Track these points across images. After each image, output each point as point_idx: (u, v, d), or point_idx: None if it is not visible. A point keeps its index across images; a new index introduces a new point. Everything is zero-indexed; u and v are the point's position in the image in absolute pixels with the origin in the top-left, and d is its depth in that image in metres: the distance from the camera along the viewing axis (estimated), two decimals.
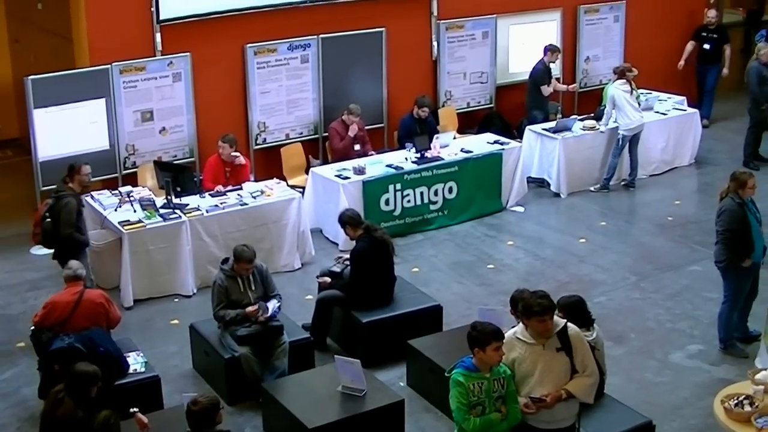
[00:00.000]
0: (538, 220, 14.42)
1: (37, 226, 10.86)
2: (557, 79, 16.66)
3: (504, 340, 7.00)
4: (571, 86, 16.89)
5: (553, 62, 16.34)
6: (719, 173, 15.61)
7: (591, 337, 8.08)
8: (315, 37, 14.85)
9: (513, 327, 7.37)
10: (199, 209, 12.05)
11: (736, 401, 7.96)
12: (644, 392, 9.78)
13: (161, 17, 13.66)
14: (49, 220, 10.75)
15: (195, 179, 12.84)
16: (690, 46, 18.58)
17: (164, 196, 12.20)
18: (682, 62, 18.58)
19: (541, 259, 13.17)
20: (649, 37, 18.56)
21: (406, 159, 13.87)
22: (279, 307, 9.77)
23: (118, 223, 11.63)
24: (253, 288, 9.71)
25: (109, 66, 13.31)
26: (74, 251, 10.54)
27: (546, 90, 16.06)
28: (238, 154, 13.00)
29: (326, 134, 14.87)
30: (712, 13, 18.70)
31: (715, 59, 18.53)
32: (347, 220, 10.64)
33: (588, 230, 14.08)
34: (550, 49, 16.18)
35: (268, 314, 9.58)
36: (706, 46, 18.61)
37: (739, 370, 9.84)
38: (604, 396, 8.43)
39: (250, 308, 9.54)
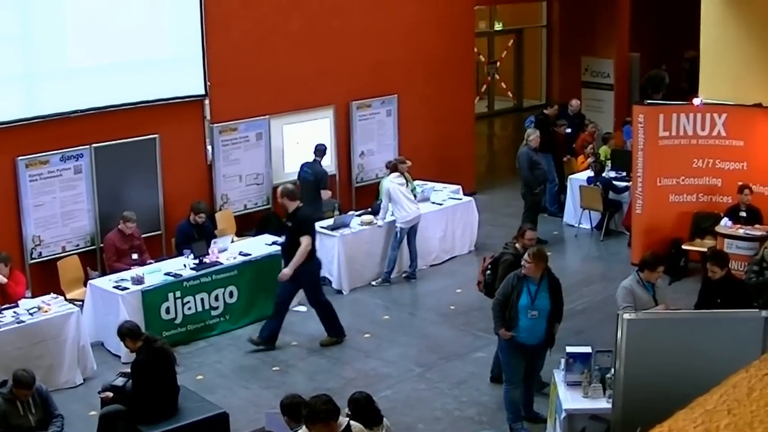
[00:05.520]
0: None
1: None
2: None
3: None
4: (326, 192, 17.07)
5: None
6: None
7: None
8: (87, 146, 14.89)
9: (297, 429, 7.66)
10: None
11: None
12: None
13: None
14: None
15: None
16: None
17: None
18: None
19: (327, 356, 13.44)
20: (422, 129, 19.39)
21: (185, 266, 14.05)
22: (61, 428, 9.78)
23: None
24: (34, 411, 9.67)
25: None
26: None
27: (325, 194, 16.66)
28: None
29: (102, 245, 14.90)
30: (575, 102, 19.84)
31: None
32: (126, 333, 10.73)
33: (372, 324, 14.46)
34: (318, 149, 16.81)
35: None
36: (569, 130, 19.71)
37: None
38: None
39: None
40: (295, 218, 13.35)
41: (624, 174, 18.24)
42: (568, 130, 20.13)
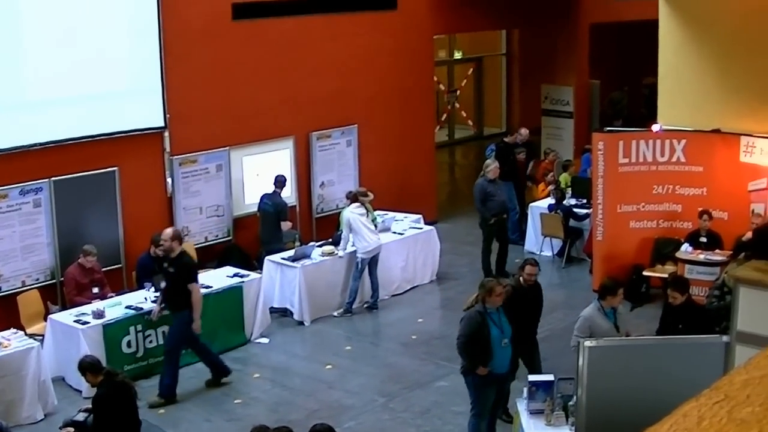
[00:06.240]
0: (284, 350, 14.73)
1: None
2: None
3: None
4: (286, 224, 17.02)
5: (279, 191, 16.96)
6: (461, 287, 16.48)
7: None
8: (47, 180, 14.84)
9: None
10: None
11: None
12: None
13: None
14: None
15: None
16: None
17: None
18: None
19: (289, 388, 13.46)
20: (382, 159, 19.51)
21: (146, 299, 14.05)
22: None
23: None
24: None
25: None
26: None
27: (285, 226, 16.71)
28: None
29: (63, 279, 14.87)
30: (524, 131, 20.00)
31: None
32: (87, 367, 10.72)
33: (334, 356, 14.48)
34: (278, 180, 16.85)
35: None
36: (522, 156, 19.83)
37: None
38: None
39: None
40: (178, 264, 12.94)
41: (585, 201, 18.39)
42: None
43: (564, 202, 18.71)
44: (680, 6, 17.11)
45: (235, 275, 15.07)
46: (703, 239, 15.64)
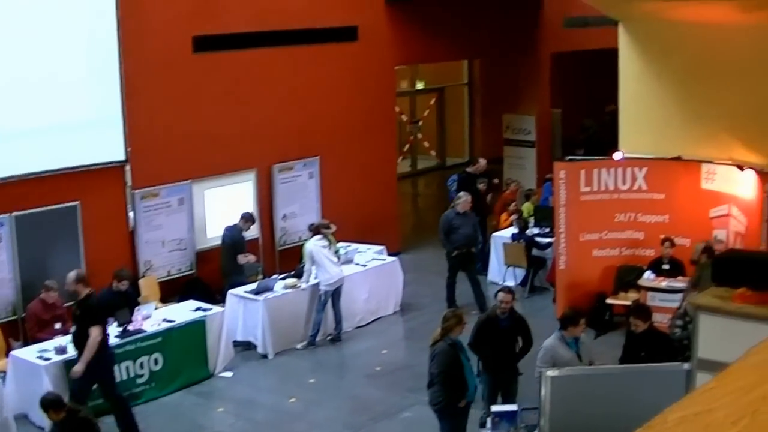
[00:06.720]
0: (248, 383, 14.70)
1: None
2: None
3: None
4: (243, 257, 16.91)
5: (246, 230, 16.98)
6: (424, 318, 16.56)
7: None
8: (8, 215, 14.80)
9: None
10: None
11: None
12: None
13: None
14: None
15: None
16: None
17: None
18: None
19: (254, 422, 13.46)
20: (345, 190, 19.58)
21: (109, 334, 14.00)
22: None
23: None
24: None
25: None
26: None
27: (242, 259, 16.70)
28: None
29: (25, 315, 14.77)
30: (482, 161, 20.10)
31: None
32: (49, 404, 10.63)
33: (299, 388, 14.47)
34: (244, 217, 16.86)
35: None
36: (482, 186, 19.87)
37: None
38: None
39: None
40: (84, 306, 12.54)
41: (548, 230, 18.50)
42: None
43: (527, 231, 18.80)
44: (639, 35, 17.33)
45: (198, 309, 15.05)
46: (666, 266, 15.77)
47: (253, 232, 17.48)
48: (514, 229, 18.91)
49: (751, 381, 2.72)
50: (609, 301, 16.22)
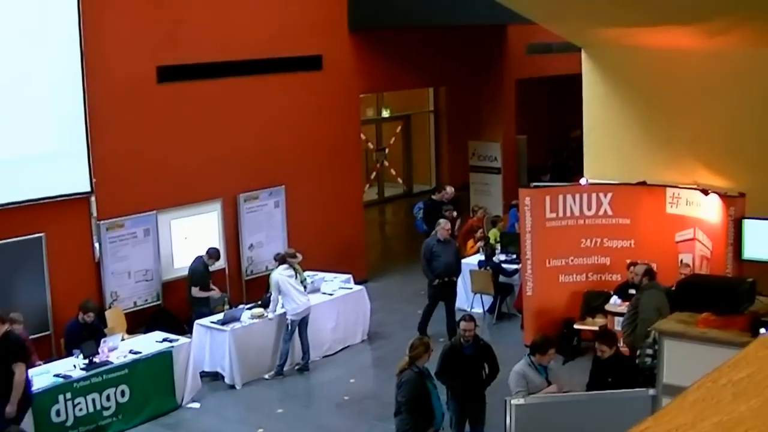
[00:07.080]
0: (216, 414, 14.65)
1: None
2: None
3: None
4: (212, 293, 17.01)
5: (211, 266, 16.97)
6: (392, 346, 16.57)
7: None
8: None
9: None
10: None
11: None
12: None
13: None
14: None
15: None
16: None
17: None
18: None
19: None
20: (311, 219, 19.62)
21: (75, 366, 13.89)
22: None
23: None
24: None
25: None
26: None
27: (202, 293, 16.69)
28: None
29: None
30: (450, 189, 20.16)
31: None
32: None
33: (266, 418, 14.44)
34: (208, 253, 16.85)
35: None
36: (451, 214, 19.90)
37: None
38: None
39: None
40: (4, 343, 12.28)
41: (514, 256, 18.58)
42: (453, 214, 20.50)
43: (494, 258, 18.87)
44: (602, 61, 17.52)
45: (165, 340, 15.00)
46: (632, 291, 15.85)
47: (219, 262, 17.46)
48: (480, 256, 18.98)
49: (685, 421, 2.76)
50: (577, 326, 16.29)
